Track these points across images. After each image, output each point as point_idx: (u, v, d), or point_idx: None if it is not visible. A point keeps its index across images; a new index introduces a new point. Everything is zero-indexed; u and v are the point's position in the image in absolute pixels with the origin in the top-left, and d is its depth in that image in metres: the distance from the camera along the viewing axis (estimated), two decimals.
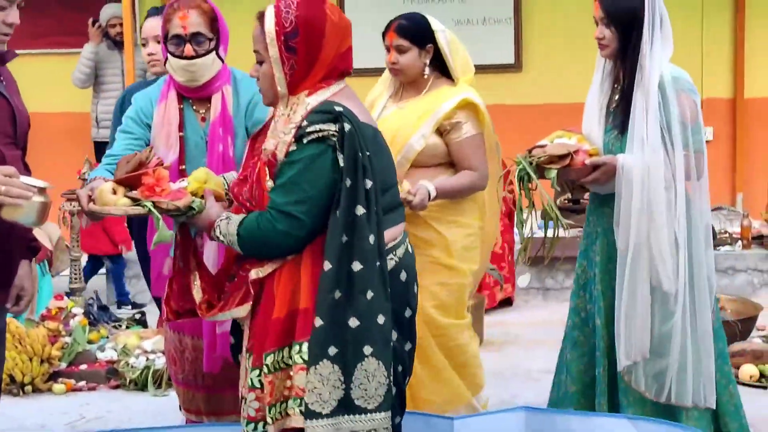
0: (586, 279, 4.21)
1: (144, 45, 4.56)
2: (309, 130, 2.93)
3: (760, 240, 8.05)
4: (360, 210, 2.95)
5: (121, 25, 8.84)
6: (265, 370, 2.97)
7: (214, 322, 3.77)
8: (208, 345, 3.94)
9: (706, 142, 9.70)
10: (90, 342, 6.19)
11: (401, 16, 4.52)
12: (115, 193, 3.14)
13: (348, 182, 2.94)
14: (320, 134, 2.94)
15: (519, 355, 6.47)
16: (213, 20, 3.93)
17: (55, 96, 9.47)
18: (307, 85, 3.02)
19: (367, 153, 2.96)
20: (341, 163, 2.94)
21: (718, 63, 9.97)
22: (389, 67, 4.50)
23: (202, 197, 3.14)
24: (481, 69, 9.86)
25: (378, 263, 2.98)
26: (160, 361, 5.75)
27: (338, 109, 2.96)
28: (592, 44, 10.21)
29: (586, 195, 4.41)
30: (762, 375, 5.59)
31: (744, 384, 5.59)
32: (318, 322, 2.93)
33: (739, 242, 8.00)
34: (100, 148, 9.02)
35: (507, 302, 7.84)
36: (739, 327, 6.02)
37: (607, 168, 3.95)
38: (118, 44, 8.95)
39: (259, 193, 3.00)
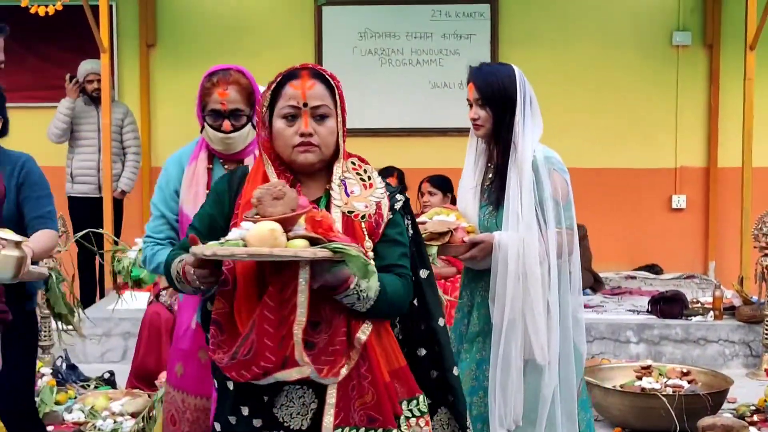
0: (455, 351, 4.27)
1: None
2: (398, 198, 3.07)
3: (732, 311, 8.06)
4: (430, 268, 3.20)
5: (98, 81, 8.85)
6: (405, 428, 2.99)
7: None
8: None
9: (680, 210, 9.98)
10: (57, 403, 6.11)
11: None
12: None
13: (422, 247, 3.17)
14: (401, 204, 3.08)
15: None
16: (250, 94, 4.01)
17: (29, 150, 9.41)
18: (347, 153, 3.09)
19: None
20: (411, 231, 3.11)
21: (693, 132, 10.10)
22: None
23: None
24: (457, 132, 10.06)
25: None
26: (128, 424, 5.69)
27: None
28: (563, 108, 10.35)
29: None
30: None
31: None
32: (456, 371, 3.15)
33: (711, 312, 8.00)
34: (75, 203, 9.00)
35: None
36: (709, 401, 6.00)
37: (484, 245, 4.05)
38: (94, 100, 8.97)
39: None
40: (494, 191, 4.16)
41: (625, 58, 10.09)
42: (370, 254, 2.92)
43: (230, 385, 2.97)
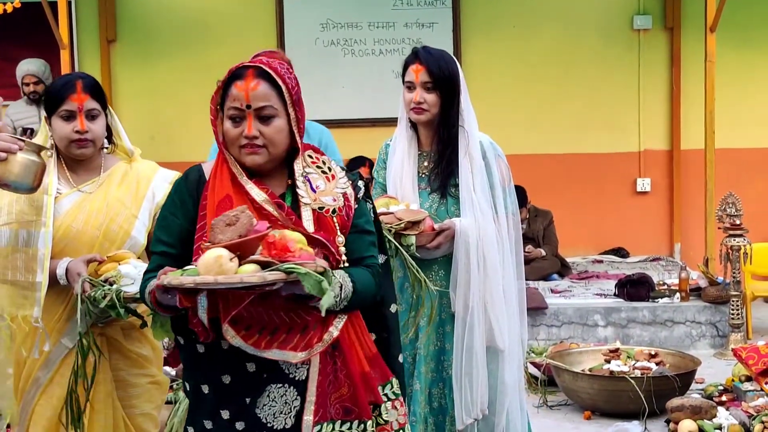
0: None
1: None
2: (360, 185, 3.06)
3: (698, 292, 8.12)
4: (387, 253, 3.20)
5: (34, 83, 8.74)
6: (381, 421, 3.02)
7: None
8: None
9: (645, 193, 10.03)
10: None
11: (79, 74, 3.79)
12: (231, 260, 2.62)
13: (381, 231, 3.16)
14: (362, 192, 3.07)
15: None
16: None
17: None
18: (303, 146, 3.04)
19: None
20: (372, 216, 3.11)
21: (655, 116, 10.15)
22: (77, 138, 3.68)
23: None
24: None
25: None
26: None
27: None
28: (526, 95, 10.33)
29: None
30: (701, 430, 5.60)
31: None
32: (401, 357, 3.16)
33: (678, 294, 8.06)
34: None
35: None
36: (677, 382, 6.05)
37: (450, 232, 4.04)
38: (35, 101, 8.82)
39: (336, 249, 2.92)
40: (437, 178, 4.13)
41: (586, 43, 10.12)
42: (342, 249, 2.91)
43: (206, 389, 2.95)
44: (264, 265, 2.61)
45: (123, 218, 3.74)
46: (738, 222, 7.60)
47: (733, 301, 7.64)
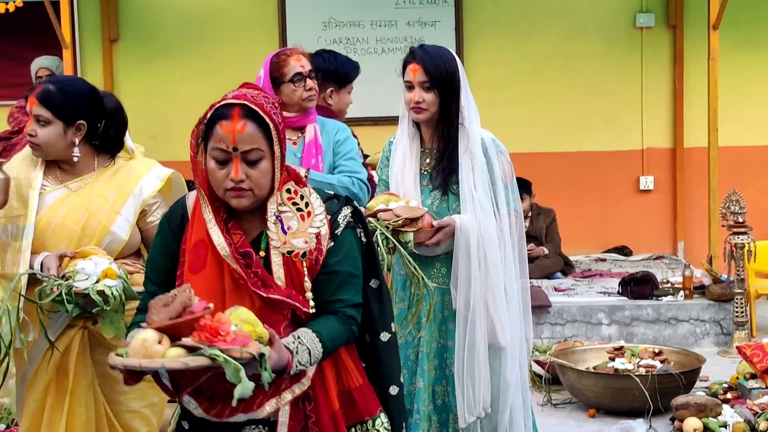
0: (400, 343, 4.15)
1: None
2: (339, 219, 2.89)
3: (701, 290, 8.10)
4: (382, 278, 3.05)
5: (48, 75, 8.69)
6: None
7: None
8: None
9: (648, 191, 10.03)
10: None
11: (50, 80, 3.86)
12: (160, 342, 2.57)
13: (374, 255, 3.02)
14: (347, 220, 2.91)
15: None
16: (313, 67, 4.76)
17: None
18: (283, 178, 2.88)
19: None
20: (363, 239, 2.96)
21: (658, 113, 10.13)
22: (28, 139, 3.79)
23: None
24: None
25: None
26: None
27: (332, 192, 2.98)
28: (529, 93, 10.31)
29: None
30: (706, 428, 5.59)
31: None
32: (394, 390, 3.03)
33: (681, 292, 8.04)
34: None
35: None
36: (682, 380, 6.04)
37: (449, 229, 4.02)
38: None
39: (303, 302, 2.83)
40: (439, 175, 4.12)
41: (589, 41, 10.11)
42: (309, 295, 2.81)
43: (185, 425, 2.92)
44: (192, 349, 2.54)
45: (103, 214, 3.76)
46: (742, 219, 7.59)
47: (737, 298, 7.63)
